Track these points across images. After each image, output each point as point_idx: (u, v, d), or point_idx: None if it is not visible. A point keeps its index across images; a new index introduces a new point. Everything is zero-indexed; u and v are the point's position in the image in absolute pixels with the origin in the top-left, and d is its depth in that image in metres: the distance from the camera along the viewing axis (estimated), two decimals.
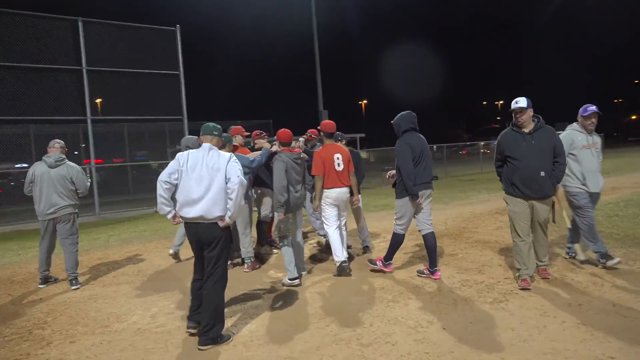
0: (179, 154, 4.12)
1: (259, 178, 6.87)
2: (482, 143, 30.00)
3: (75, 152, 16.94)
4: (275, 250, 7.29)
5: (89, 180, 6.31)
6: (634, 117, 72.33)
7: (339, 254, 5.81)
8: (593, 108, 5.28)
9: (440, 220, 9.21)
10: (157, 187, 4.00)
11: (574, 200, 5.33)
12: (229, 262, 6.27)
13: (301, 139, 7.62)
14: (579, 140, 5.32)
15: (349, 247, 7.19)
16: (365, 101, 50.82)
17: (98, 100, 15.82)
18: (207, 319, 3.95)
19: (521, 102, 4.78)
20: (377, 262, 5.75)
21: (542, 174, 4.70)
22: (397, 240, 5.58)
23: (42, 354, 3.93)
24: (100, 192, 14.71)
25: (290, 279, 5.57)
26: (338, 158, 5.91)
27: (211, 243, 4.01)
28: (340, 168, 5.90)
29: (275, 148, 6.12)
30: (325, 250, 6.60)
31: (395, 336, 3.89)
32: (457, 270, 5.65)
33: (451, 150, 34.80)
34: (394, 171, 5.61)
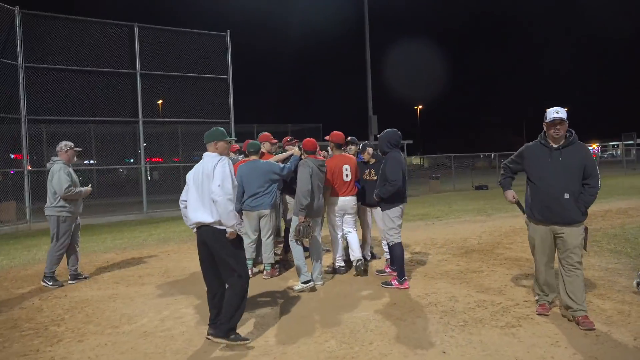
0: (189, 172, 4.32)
1: (285, 184, 6.88)
2: None
3: (139, 151, 17.79)
4: None
5: (69, 182, 6.02)
6: None
7: (338, 257, 6.42)
8: None
9: (476, 233, 8.87)
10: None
11: None
12: (250, 269, 6.32)
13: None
14: None
15: (373, 256, 7.13)
16: (420, 106, 49.89)
17: (159, 102, 16.54)
18: (226, 310, 4.06)
19: (562, 112, 4.16)
20: (393, 282, 5.61)
21: (566, 195, 4.15)
22: (399, 250, 5.55)
23: (49, 351, 4.11)
24: (152, 191, 15.31)
25: (303, 283, 5.58)
26: (347, 169, 6.23)
27: (215, 244, 4.08)
28: (348, 179, 6.24)
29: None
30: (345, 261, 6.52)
31: (392, 357, 3.76)
32: (476, 290, 5.40)
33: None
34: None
